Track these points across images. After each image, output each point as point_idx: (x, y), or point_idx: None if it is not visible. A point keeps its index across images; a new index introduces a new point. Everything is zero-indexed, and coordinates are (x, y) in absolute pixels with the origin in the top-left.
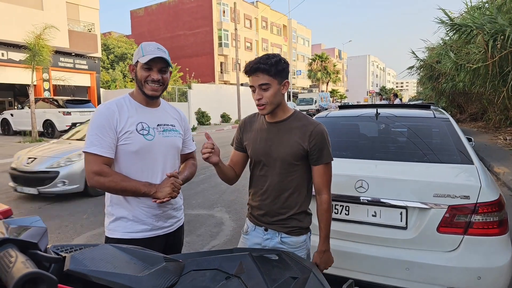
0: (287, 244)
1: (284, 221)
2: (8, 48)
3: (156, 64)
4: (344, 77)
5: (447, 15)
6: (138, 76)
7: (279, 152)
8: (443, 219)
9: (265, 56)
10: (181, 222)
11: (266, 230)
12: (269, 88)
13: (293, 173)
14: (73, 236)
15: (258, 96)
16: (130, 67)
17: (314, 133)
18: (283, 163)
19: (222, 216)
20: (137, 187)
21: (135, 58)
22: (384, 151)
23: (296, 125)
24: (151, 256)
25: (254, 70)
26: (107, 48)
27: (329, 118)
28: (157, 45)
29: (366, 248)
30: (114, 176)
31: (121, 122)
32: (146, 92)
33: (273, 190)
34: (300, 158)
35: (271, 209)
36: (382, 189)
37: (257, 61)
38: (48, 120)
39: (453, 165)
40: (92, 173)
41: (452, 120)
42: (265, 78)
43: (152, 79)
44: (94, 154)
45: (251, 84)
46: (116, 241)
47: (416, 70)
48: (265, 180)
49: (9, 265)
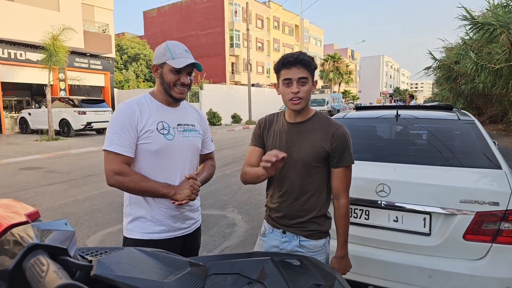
0: (305, 248)
1: (303, 224)
2: (26, 48)
3: (186, 68)
4: (356, 78)
5: (469, 13)
6: (165, 78)
7: (300, 153)
8: (470, 226)
9: (303, 52)
10: (199, 224)
11: (284, 233)
12: (307, 83)
13: (314, 175)
14: (89, 234)
15: (296, 89)
16: (154, 67)
17: (337, 135)
18: (304, 165)
19: (234, 217)
20: (156, 188)
21: (161, 59)
22: (405, 154)
23: (317, 125)
24: (176, 260)
25: (296, 62)
26: (120, 49)
27: (346, 119)
28: (184, 47)
29: (387, 254)
30: (134, 176)
31: (142, 121)
32: (174, 95)
33: (292, 192)
34: (321, 160)
35: (290, 211)
36: (405, 194)
37: (299, 54)
38: (64, 119)
39: (480, 169)
40: (112, 172)
41: (478, 123)
42: (305, 72)
43: (183, 83)
44: (114, 152)
45: (288, 76)
46: (134, 242)
47: (433, 71)
48: (284, 181)
49: (41, 274)
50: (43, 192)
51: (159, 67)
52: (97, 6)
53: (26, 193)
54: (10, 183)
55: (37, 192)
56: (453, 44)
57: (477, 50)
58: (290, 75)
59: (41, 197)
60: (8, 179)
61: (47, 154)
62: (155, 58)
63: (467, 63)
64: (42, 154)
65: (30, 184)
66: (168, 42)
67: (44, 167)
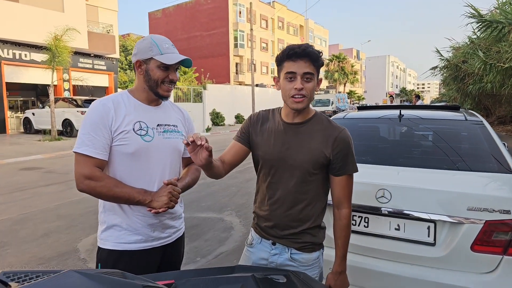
0: (297, 262)
1: (295, 235)
2: (31, 49)
3: (174, 64)
4: (362, 78)
5: (476, 11)
6: (152, 75)
7: (297, 158)
8: (479, 236)
9: (311, 46)
10: (181, 233)
11: (274, 244)
12: (312, 80)
13: (310, 182)
14: (81, 237)
15: (300, 85)
16: (137, 63)
17: (339, 140)
18: (300, 171)
19: (231, 220)
20: (131, 194)
21: (146, 54)
22: (408, 157)
23: (318, 128)
24: (126, 285)
25: (304, 54)
26: (125, 50)
27: (347, 119)
28: (170, 41)
29: (388, 265)
30: (106, 181)
31: (116, 121)
32: (162, 93)
33: (285, 200)
34: (319, 167)
35: (282, 221)
36: (407, 200)
37: (307, 46)
38: (67, 119)
39: (489, 174)
40: (82, 177)
41: (486, 123)
42: (311, 67)
43: (171, 80)
44: (85, 155)
45: (293, 70)
46: (107, 252)
47: (440, 71)
48: (276, 188)
49: None
50: (40, 193)
51: (143, 62)
52: (101, 7)
53: (23, 194)
54: (8, 183)
55: (34, 193)
56: (460, 43)
57: (485, 49)
58: (295, 68)
59: (38, 198)
60: (6, 179)
61: (48, 155)
62: (138, 53)
63: (475, 62)
64: (43, 154)
65: (28, 184)
66: (153, 36)
67: (43, 168)
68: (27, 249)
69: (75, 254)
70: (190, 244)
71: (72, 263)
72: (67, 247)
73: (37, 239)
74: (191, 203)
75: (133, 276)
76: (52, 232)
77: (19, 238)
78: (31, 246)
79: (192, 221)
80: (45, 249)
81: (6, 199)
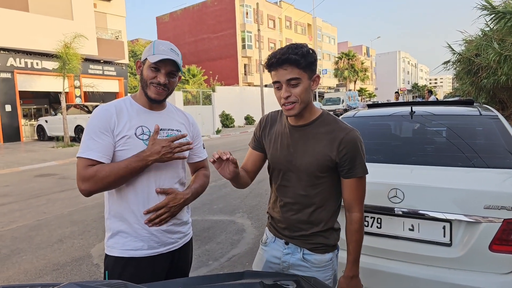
0: (310, 262)
1: (307, 237)
2: (42, 57)
3: (165, 66)
4: (372, 75)
5: (489, 2)
6: (144, 75)
7: (303, 162)
8: (497, 235)
9: (293, 46)
10: (188, 238)
11: (286, 244)
12: (299, 84)
13: (319, 185)
14: (95, 242)
15: (286, 94)
16: (137, 63)
17: (345, 142)
18: (307, 175)
19: (243, 223)
20: (129, 164)
21: (145, 55)
22: (420, 155)
23: (323, 130)
24: None
25: (281, 62)
26: (134, 55)
27: (357, 118)
28: (171, 46)
29: (402, 266)
30: (100, 170)
31: (118, 126)
32: (149, 94)
33: (295, 204)
34: (326, 170)
35: (292, 224)
36: (421, 199)
37: (284, 51)
38: (79, 125)
39: (506, 170)
40: (81, 181)
41: (502, 118)
42: (295, 72)
43: (158, 81)
44: (89, 159)
45: (276, 79)
46: (114, 260)
47: (452, 65)
48: (286, 191)
49: None
50: (54, 199)
51: (142, 63)
52: (110, 14)
53: (38, 200)
54: (23, 190)
55: (49, 199)
56: (473, 36)
57: (499, 40)
58: (278, 77)
59: (52, 204)
60: (22, 186)
61: (61, 161)
62: (142, 55)
63: (490, 54)
64: (57, 161)
65: (43, 191)
66: (156, 40)
67: (57, 174)
68: (42, 255)
69: (89, 260)
70: (202, 247)
71: (86, 268)
72: (81, 252)
73: (52, 245)
74: (203, 206)
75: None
76: (66, 237)
77: (34, 244)
78: (46, 252)
79: (204, 224)
80: (60, 255)
81: (21, 206)
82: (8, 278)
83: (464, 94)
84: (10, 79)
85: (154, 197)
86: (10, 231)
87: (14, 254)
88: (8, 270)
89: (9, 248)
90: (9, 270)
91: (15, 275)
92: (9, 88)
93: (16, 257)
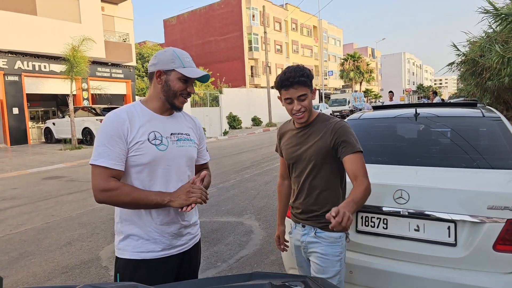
0: (321, 238)
1: (318, 217)
2: (50, 60)
3: (194, 78)
4: (378, 76)
5: (492, 5)
6: (172, 86)
7: (307, 153)
8: (501, 235)
9: (298, 69)
10: (197, 239)
11: (303, 226)
12: (306, 98)
13: (320, 171)
14: (103, 245)
15: (298, 107)
16: (158, 73)
17: (335, 128)
18: (311, 164)
19: (251, 224)
20: (148, 197)
21: (168, 65)
22: (426, 156)
23: (320, 126)
24: None
25: (292, 84)
26: (142, 57)
27: (362, 120)
28: (190, 56)
29: (408, 266)
30: (123, 188)
31: (132, 132)
32: (178, 104)
33: (304, 189)
34: (326, 156)
35: (305, 207)
36: (426, 200)
37: (293, 75)
38: (87, 128)
39: (509, 171)
40: (100, 189)
41: (505, 119)
42: (303, 90)
43: (189, 92)
44: (102, 166)
45: (288, 96)
46: (125, 262)
47: (457, 66)
48: (298, 181)
49: None
50: (62, 202)
51: (164, 73)
52: (117, 17)
53: (46, 203)
54: (32, 193)
55: (57, 202)
56: (477, 37)
57: (502, 42)
58: (289, 95)
59: (60, 206)
60: (30, 189)
61: (69, 163)
62: (159, 64)
63: (492, 56)
64: (65, 163)
65: (51, 193)
66: (175, 49)
67: (65, 176)
68: (50, 258)
69: (98, 262)
70: (211, 249)
71: (95, 271)
72: (89, 255)
73: (61, 248)
74: (211, 208)
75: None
76: (75, 240)
77: (43, 247)
78: (54, 255)
79: (212, 226)
80: (68, 258)
81: (30, 209)
82: (17, 281)
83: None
84: (17, 82)
85: None
86: (19, 234)
87: (22, 257)
88: (17, 273)
89: (18, 251)
90: (17, 273)
91: (24, 278)
92: (16, 90)
93: (24, 260)
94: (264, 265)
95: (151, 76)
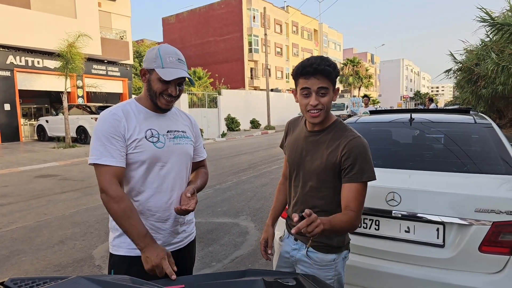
0: (312, 260)
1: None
2: (43, 56)
3: (175, 79)
4: (376, 82)
5: (488, 14)
6: (153, 86)
7: (313, 165)
8: (486, 237)
9: (325, 58)
10: (192, 237)
11: (295, 240)
12: (327, 94)
13: (323, 190)
14: (97, 244)
15: (315, 102)
16: (142, 71)
17: (348, 146)
18: (314, 178)
19: (247, 225)
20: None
21: (151, 64)
22: (418, 160)
23: (334, 136)
24: None
25: (315, 72)
26: (139, 55)
27: (358, 124)
28: (178, 54)
29: (398, 267)
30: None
31: (129, 130)
32: (160, 105)
33: (301, 204)
34: (332, 174)
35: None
36: (417, 203)
37: (319, 61)
38: (81, 126)
39: (497, 176)
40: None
41: (495, 126)
42: (326, 82)
43: (170, 94)
44: (105, 165)
45: (307, 86)
46: (120, 259)
47: (454, 74)
48: (296, 190)
49: None
50: (55, 200)
51: (147, 72)
52: (114, 13)
53: (39, 202)
54: (24, 191)
55: (50, 200)
56: (474, 45)
57: (498, 51)
58: (309, 84)
59: (53, 205)
60: (22, 187)
61: (63, 162)
62: (145, 61)
63: (488, 64)
64: (58, 162)
65: (44, 192)
66: (161, 47)
67: (58, 175)
68: (42, 257)
69: (91, 261)
70: (206, 249)
71: (87, 270)
72: (82, 254)
73: (53, 247)
74: (207, 208)
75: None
76: (68, 239)
77: (35, 246)
78: (46, 254)
79: (207, 226)
80: (61, 256)
81: (21, 207)
82: None
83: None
84: (9, 77)
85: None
86: (10, 232)
87: (13, 255)
88: (7, 271)
89: (9, 249)
90: (8, 271)
91: (15, 276)
92: (8, 86)
93: (15, 258)
94: (258, 265)
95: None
